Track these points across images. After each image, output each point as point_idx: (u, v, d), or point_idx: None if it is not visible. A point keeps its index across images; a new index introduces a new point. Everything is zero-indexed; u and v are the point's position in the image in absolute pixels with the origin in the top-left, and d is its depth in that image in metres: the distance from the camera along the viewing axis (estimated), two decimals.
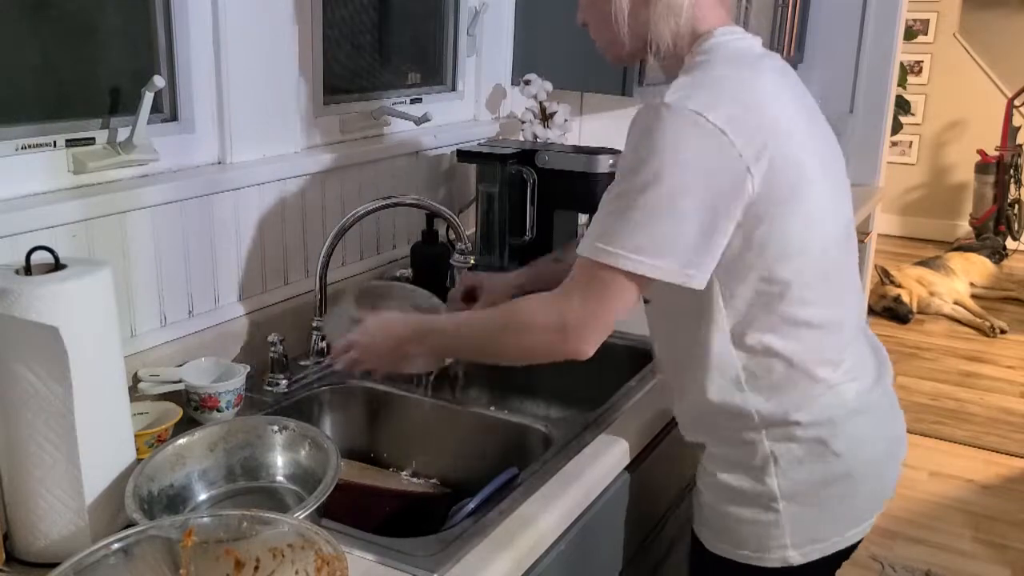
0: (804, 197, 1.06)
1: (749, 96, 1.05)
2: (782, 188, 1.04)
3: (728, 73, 1.07)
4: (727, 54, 1.09)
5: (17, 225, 1.09)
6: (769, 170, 1.02)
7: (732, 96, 1.03)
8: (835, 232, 1.13)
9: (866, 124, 3.19)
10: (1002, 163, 5.72)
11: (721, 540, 1.18)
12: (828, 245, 1.11)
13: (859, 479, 1.15)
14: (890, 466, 1.21)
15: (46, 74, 1.22)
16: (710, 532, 1.20)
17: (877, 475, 1.18)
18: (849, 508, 1.16)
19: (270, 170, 1.45)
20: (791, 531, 1.13)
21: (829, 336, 1.12)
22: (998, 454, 3.33)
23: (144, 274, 1.27)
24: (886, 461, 1.20)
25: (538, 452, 1.22)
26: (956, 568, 2.63)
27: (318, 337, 1.45)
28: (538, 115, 2.06)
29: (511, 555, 0.96)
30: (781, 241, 1.05)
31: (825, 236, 1.10)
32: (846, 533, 1.16)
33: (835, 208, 1.13)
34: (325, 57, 1.63)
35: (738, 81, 1.06)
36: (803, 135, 1.08)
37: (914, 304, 4.73)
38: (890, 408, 1.22)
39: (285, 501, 1.04)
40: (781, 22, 2.84)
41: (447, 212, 1.49)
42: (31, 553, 0.93)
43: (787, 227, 1.05)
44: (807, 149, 1.08)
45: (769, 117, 1.04)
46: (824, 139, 1.15)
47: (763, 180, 1.02)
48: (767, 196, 1.03)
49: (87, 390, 0.89)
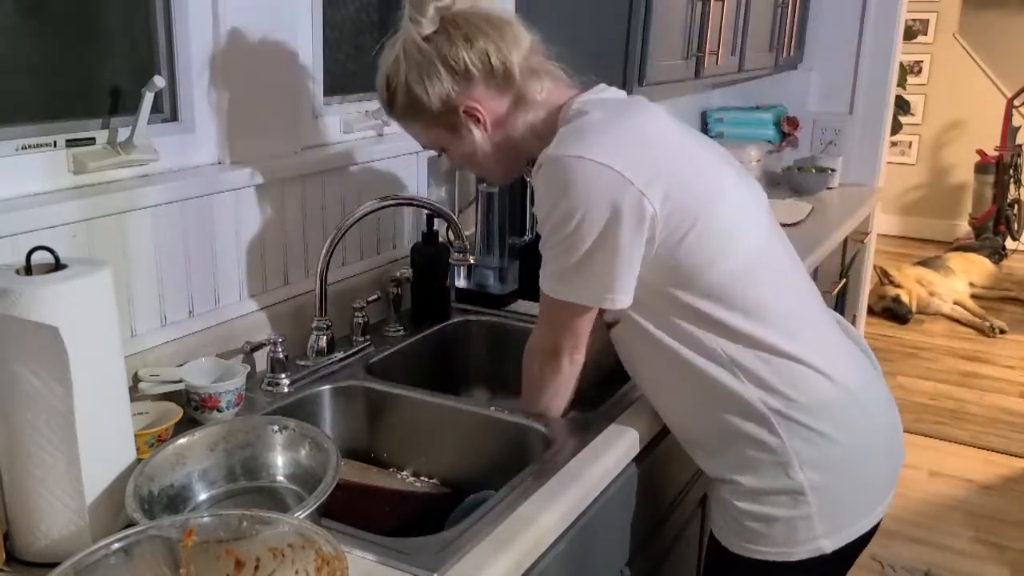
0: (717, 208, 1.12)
1: (627, 131, 1.12)
2: (691, 206, 1.10)
3: (601, 117, 1.14)
4: (592, 107, 1.17)
5: (17, 225, 1.09)
6: (668, 191, 1.08)
7: (610, 134, 1.11)
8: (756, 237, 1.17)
9: (866, 124, 3.19)
10: (1002, 163, 5.72)
11: (747, 541, 1.18)
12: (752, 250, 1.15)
13: (872, 457, 1.19)
14: (896, 447, 1.25)
15: (46, 74, 1.22)
16: (734, 535, 1.20)
17: (887, 453, 1.22)
18: (868, 487, 1.20)
19: (270, 170, 1.45)
20: (820, 520, 1.15)
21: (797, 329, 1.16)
22: (998, 454, 3.33)
23: (144, 274, 1.27)
24: (892, 442, 1.24)
25: (538, 452, 1.22)
26: (956, 568, 2.63)
27: (318, 337, 1.45)
28: None
29: (511, 555, 0.96)
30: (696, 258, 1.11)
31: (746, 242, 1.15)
32: (871, 512, 1.20)
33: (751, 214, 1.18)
34: (325, 57, 1.63)
35: (614, 122, 1.13)
36: (694, 151, 1.16)
37: (914, 304, 4.73)
38: (887, 398, 1.26)
39: (285, 501, 1.04)
40: (781, 22, 2.84)
41: (447, 212, 1.49)
42: (31, 553, 0.93)
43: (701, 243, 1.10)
44: (703, 163, 1.16)
45: (653, 145, 1.12)
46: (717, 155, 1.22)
47: (665, 202, 1.08)
48: (676, 217, 1.09)
49: (87, 390, 0.89)
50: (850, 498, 1.17)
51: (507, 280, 1.79)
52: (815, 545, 1.15)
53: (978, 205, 5.92)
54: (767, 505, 1.16)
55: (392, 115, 1.27)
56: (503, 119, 1.22)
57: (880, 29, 3.13)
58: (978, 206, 5.91)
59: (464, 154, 1.26)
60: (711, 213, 1.11)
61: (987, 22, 5.92)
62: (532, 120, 1.21)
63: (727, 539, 1.21)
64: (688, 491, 1.53)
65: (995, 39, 5.92)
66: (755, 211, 1.20)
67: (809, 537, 1.15)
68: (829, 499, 1.15)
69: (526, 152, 1.24)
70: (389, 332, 1.61)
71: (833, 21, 3.17)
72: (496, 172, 1.30)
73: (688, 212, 1.09)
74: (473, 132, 1.21)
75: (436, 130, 1.24)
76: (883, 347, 4.27)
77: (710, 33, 2.25)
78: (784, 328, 1.14)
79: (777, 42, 2.84)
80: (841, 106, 3.22)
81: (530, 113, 1.21)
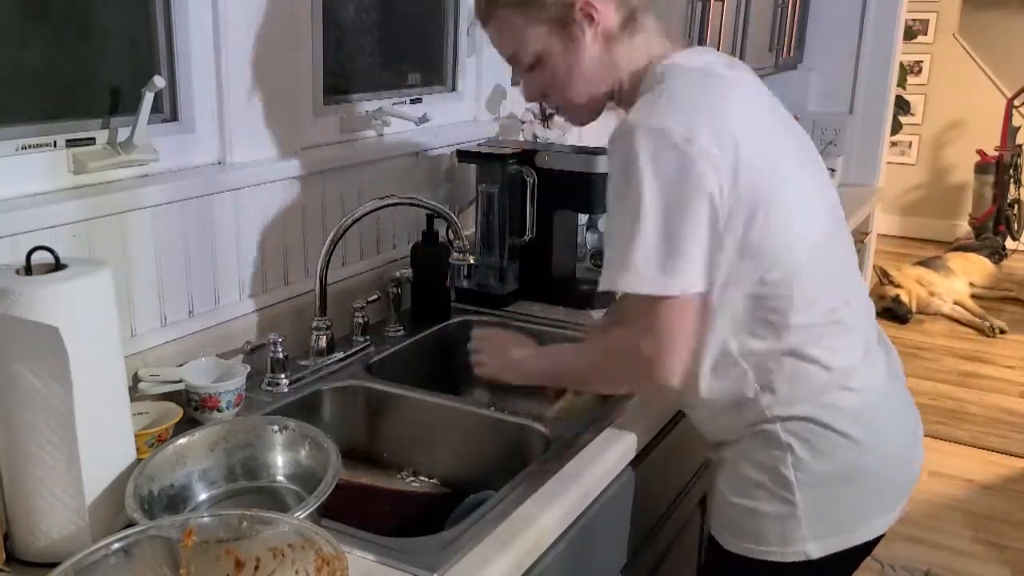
0: (782, 198, 1.08)
1: (708, 108, 1.08)
2: (758, 192, 1.06)
3: (685, 90, 1.10)
4: (681, 74, 1.13)
5: (17, 225, 1.09)
6: (740, 177, 1.05)
7: (691, 109, 1.07)
8: (822, 226, 1.14)
9: (866, 124, 3.19)
10: (1002, 163, 5.72)
11: (742, 539, 1.18)
12: (816, 240, 1.12)
13: (880, 470, 1.16)
14: (912, 458, 1.21)
15: (46, 74, 1.22)
16: (730, 532, 1.20)
17: (900, 466, 1.19)
18: (870, 500, 1.16)
19: (270, 170, 1.45)
20: (808, 523, 1.13)
21: (835, 329, 1.13)
22: (998, 454, 3.33)
23: (144, 274, 1.27)
24: (908, 453, 1.20)
25: (538, 452, 1.22)
26: (956, 568, 2.63)
27: (318, 337, 1.45)
28: (538, 115, 2.06)
29: (511, 555, 0.96)
30: (767, 243, 1.07)
31: (811, 232, 1.12)
32: (869, 524, 1.16)
33: (818, 204, 1.15)
34: (325, 57, 1.63)
35: (696, 95, 1.10)
36: (773, 138, 1.12)
37: (914, 304, 4.73)
38: (907, 402, 1.23)
39: (285, 501, 1.04)
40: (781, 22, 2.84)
41: (447, 212, 1.49)
42: (31, 553, 0.93)
43: (770, 229, 1.07)
44: (778, 152, 1.11)
45: (731, 126, 1.07)
46: (796, 139, 1.18)
47: (735, 187, 1.05)
48: (744, 202, 1.05)
49: (87, 390, 0.89)
50: (846, 506, 1.14)
51: (507, 280, 1.79)
52: (801, 548, 1.13)
53: (978, 205, 5.91)
54: (760, 500, 1.14)
55: (492, 11, 1.17)
56: (611, 35, 1.14)
57: (880, 29, 3.13)
58: (978, 206, 5.91)
59: (561, 67, 1.16)
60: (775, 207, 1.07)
61: (987, 22, 5.92)
62: (629, 57, 1.15)
63: (719, 534, 1.21)
64: (687, 492, 1.53)
65: (995, 39, 5.92)
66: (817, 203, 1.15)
67: (797, 538, 1.13)
68: (819, 503, 1.13)
69: (611, 86, 1.17)
70: (389, 332, 1.61)
71: (833, 21, 3.17)
72: (580, 99, 1.20)
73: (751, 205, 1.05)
74: (584, 36, 1.13)
75: (542, 29, 1.14)
76: None
77: (710, 33, 2.26)
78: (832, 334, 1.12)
79: (777, 42, 2.84)
80: (841, 106, 3.22)
81: (634, 48, 1.15)
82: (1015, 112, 5.70)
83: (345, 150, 1.63)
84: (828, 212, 1.17)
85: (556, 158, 1.76)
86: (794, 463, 1.12)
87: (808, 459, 1.12)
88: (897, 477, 1.19)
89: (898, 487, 1.20)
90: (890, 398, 1.19)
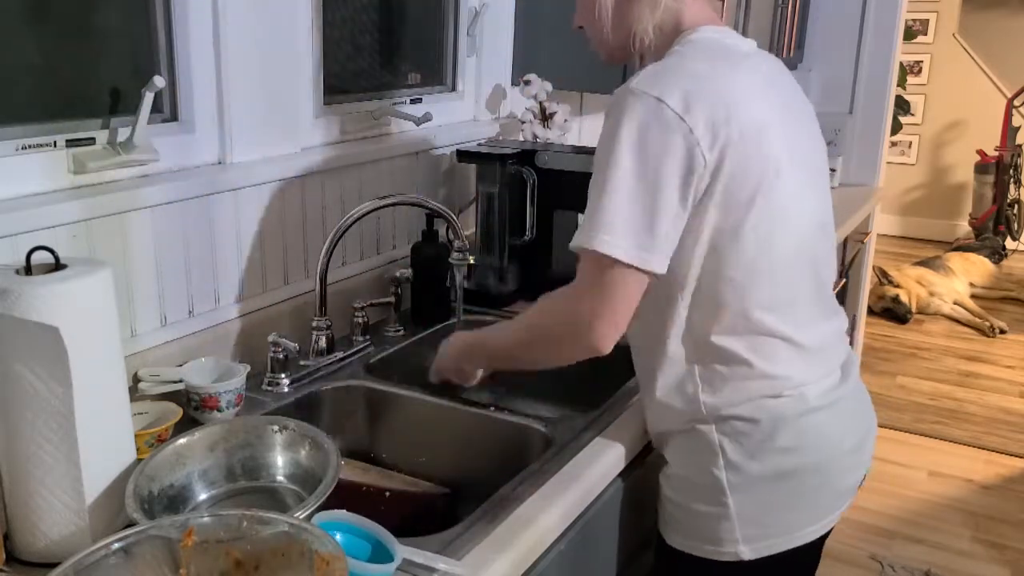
0: (769, 194, 1.06)
1: (715, 89, 1.05)
2: (744, 183, 1.04)
3: (700, 65, 1.08)
4: (705, 48, 1.11)
5: (17, 225, 1.09)
6: (728, 163, 1.03)
7: (697, 86, 1.04)
8: (802, 230, 1.12)
9: (866, 124, 3.19)
10: (1001, 163, 5.72)
11: (681, 534, 1.18)
12: (791, 243, 1.10)
13: (816, 475, 1.14)
14: (854, 462, 1.19)
15: (46, 74, 1.22)
16: (671, 527, 1.20)
17: (839, 472, 1.17)
18: (805, 504, 1.15)
19: (270, 170, 1.45)
20: (740, 525, 1.12)
21: (789, 336, 1.11)
22: (998, 454, 3.33)
23: (144, 274, 1.27)
24: (851, 459, 1.18)
25: (538, 452, 1.22)
26: (955, 568, 2.63)
27: (318, 337, 1.45)
28: (538, 115, 2.06)
29: (511, 555, 0.96)
30: (741, 239, 1.06)
31: (789, 235, 1.10)
32: (803, 529, 1.15)
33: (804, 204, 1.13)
34: (325, 57, 1.63)
35: (708, 73, 1.07)
36: (777, 131, 1.09)
37: (913, 304, 4.73)
38: (857, 405, 1.21)
39: (285, 501, 1.04)
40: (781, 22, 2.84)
41: (447, 212, 1.49)
42: (31, 553, 0.93)
43: (747, 225, 1.06)
44: (778, 146, 1.08)
45: (734, 111, 1.04)
46: (809, 137, 1.16)
47: (720, 172, 1.03)
48: (726, 189, 1.04)
49: (87, 390, 0.89)
50: (778, 510, 1.13)
51: (507, 280, 1.79)
52: (733, 549, 1.13)
53: (978, 205, 5.92)
54: (695, 500, 1.14)
55: None
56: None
57: (880, 29, 3.13)
58: (978, 206, 5.91)
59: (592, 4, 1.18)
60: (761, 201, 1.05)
61: (987, 22, 5.92)
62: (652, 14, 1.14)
63: (663, 529, 1.22)
64: None
65: (995, 39, 5.92)
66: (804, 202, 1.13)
67: (729, 540, 1.13)
68: (751, 506, 1.12)
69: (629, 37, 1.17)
70: (389, 332, 1.61)
71: (833, 21, 3.17)
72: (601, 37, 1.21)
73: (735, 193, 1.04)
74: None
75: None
76: (883, 347, 4.27)
77: None
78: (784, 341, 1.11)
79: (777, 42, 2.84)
80: (841, 106, 3.22)
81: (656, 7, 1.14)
82: (1015, 112, 5.70)
83: (345, 150, 1.63)
84: (811, 221, 1.14)
85: (556, 158, 1.76)
86: (726, 465, 1.11)
87: (740, 461, 1.11)
88: (836, 483, 1.17)
89: (837, 492, 1.18)
90: (840, 404, 1.16)
